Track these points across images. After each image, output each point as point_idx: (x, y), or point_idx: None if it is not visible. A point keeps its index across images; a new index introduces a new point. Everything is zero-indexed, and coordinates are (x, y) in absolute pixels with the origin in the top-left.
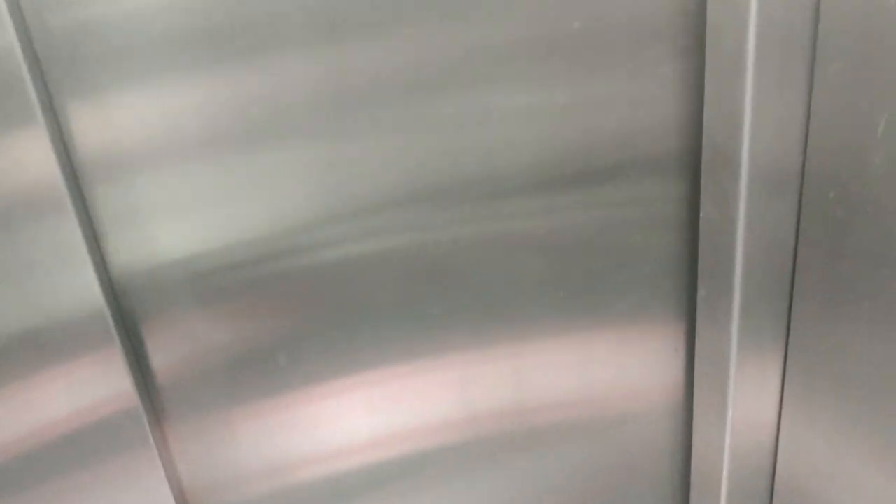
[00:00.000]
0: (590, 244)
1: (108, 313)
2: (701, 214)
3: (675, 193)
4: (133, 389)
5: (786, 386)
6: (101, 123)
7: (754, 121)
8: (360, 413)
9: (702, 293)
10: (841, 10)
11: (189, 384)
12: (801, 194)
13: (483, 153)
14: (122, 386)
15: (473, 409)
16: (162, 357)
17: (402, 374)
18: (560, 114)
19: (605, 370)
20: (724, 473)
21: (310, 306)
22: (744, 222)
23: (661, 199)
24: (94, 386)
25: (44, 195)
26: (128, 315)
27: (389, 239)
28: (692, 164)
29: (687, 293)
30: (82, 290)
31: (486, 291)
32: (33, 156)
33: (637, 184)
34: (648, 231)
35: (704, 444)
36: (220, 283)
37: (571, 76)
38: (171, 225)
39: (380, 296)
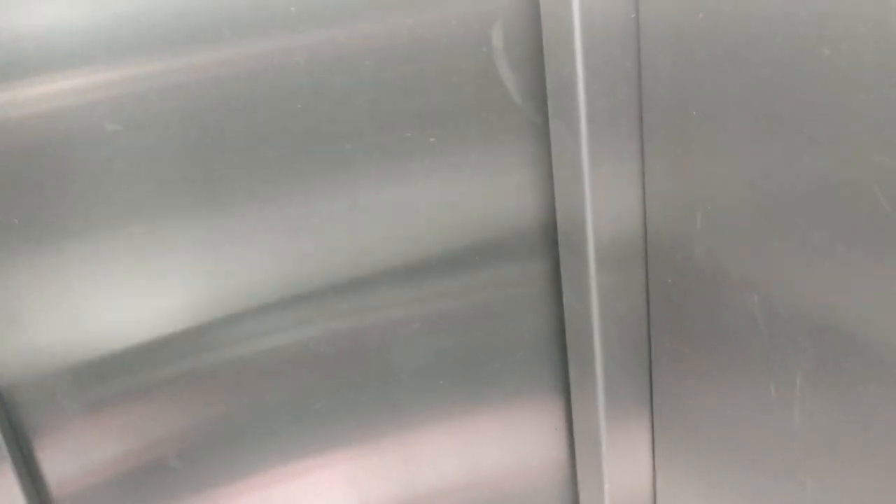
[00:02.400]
0: (465, 330)
1: None
2: (564, 304)
3: (540, 277)
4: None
5: (656, 452)
6: None
7: (596, 218)
8: None
9: (572, 371)
10: (657, 123)
11: (83, 496)
12: (646, 279)
13: (355, 248)
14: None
15: (366, 502)
16: (54, 469)
17: (294, 473)
18: (427, 209)
19: (490, 453)
20: None
21: (198, 410)
22: (598, 304)
23: (527, 283)
24: None
25: None
26: (17, 428)
27: (272, 338)
28: (553, 249)
29: (562, 371)
30: None
31: (369, 383)
32: None
33: (503, 269)
34: (519, 314)
35: None
36: (107, 390)
37: (434, 175)
38: (56, 332)
39: (265, 395)
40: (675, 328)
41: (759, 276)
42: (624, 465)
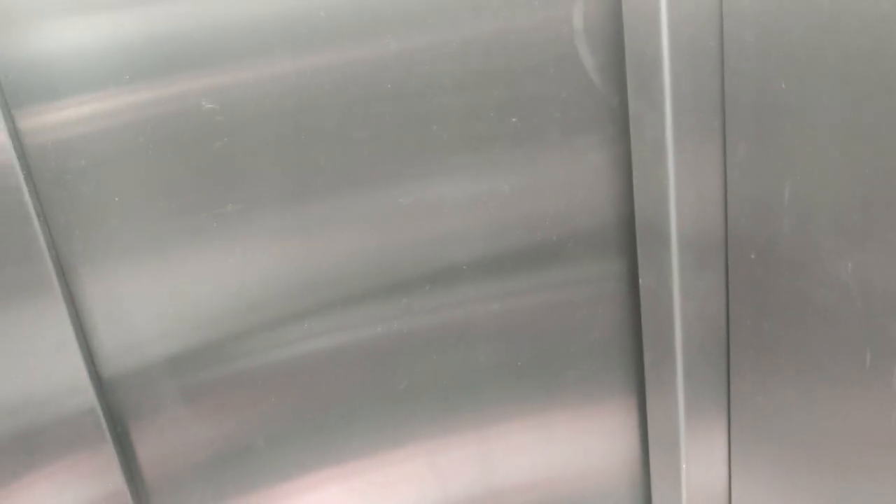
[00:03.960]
0: (541, 324)
1: (99, 410)
2: (641, 286)
3: (615, 270)
4: (125, 488)
5: (732, 447)
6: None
7: (678, 198)
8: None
9: (647, 361)
10: (742, 100)
11: (176, 480)
12: (727, 259)
13: (436, 243)
14: (115, 485)
15: (446, 495)
16: (149, 454)
17: (376, 465)
18: (506, 199)
19: (563, 449)
20: None
21: (286, 400)
22: (679, 290)
23: (603, 276)
24: (86, 486)
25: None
26: (116, 412)
27: (356, 331)
28: (628, 241)
29: (635, 367)
30: (74, 386)
31: (447, 378)
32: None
33: (579, 262)
34: (593, 307)
35: None
36: (201, 377)
37: (513, 166)
38: (154, 320)
39: (351, 388)
40: (757, 306)
41: (854, 246)
42: (700, 461)
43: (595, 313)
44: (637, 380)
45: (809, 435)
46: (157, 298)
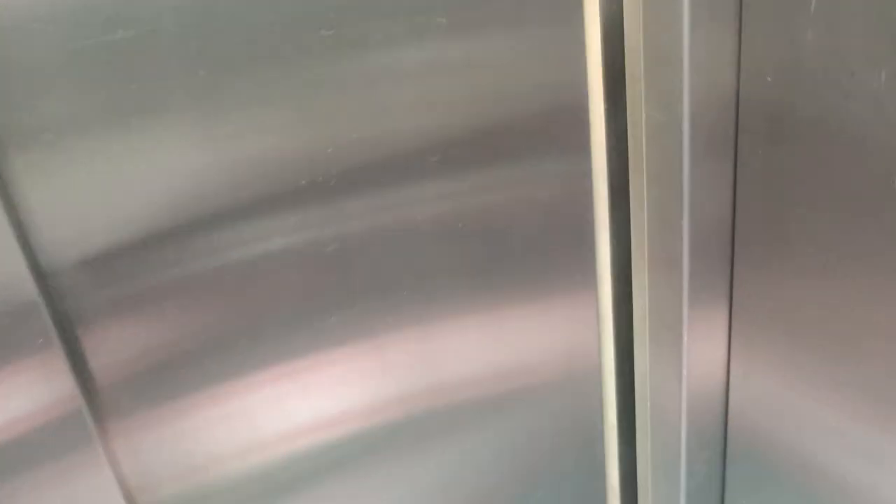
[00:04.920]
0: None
1: (43, 309)
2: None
3: (574, 163)
4: (77, 391)
5: (733, 324)
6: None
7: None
8: (292, 401)
9: (650, 249)
10: None
11: (130, 381)
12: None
13: (376, 128)
14: (65, 389)
15: (396, 391)
16: (99, 355)
17: (326, 362)
18: (456, 77)
19: (527, 341)
20: (683, 418)
21: (235, 300)
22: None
23: (560, 170)
24: (34, 391)
25: None
26: (61, 311)
27: (302, 233)
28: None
29: (592, 263)
30: (13, 284)
31: (395, 275)
32: None
33: (536, 154)
34: (549, 203)
35: (659, 392)
36: (151, 273)
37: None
38: (100, 212)
39: (299, 288)
40: (768, 137)
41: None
42: (701, 337)
43: (552, 209)
44: (593, 274)
45: (812, 318)
46: (100, 188)
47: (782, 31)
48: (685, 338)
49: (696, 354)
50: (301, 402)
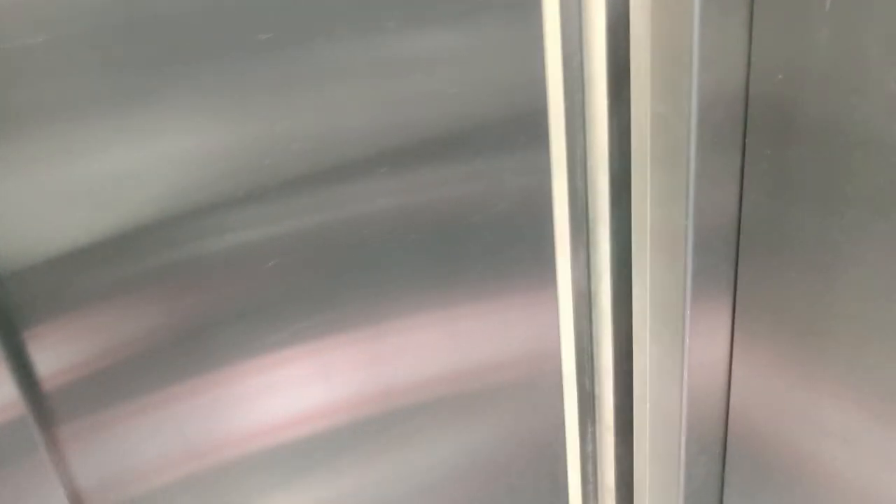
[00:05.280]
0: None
1: None
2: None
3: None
4: (20, 397)
5: (736, 324)
6: None
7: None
8: (240, 406)
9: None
10: None
11: (76, 385)
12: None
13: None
14: (7, 395)
15: (341, 397)
16: (44, 361)
17: (277, 366)
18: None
19: (488, 339)
20: (683, 420)
21: (181, 307)
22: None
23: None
24: None
25: None
26: (4, 318)
27: (244, 234)
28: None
29: (550, 260)
30: None
31: (341, 276)
32: None
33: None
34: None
35: (659, 393)
36: (99, 277)
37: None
38: (48, 216)
39: (245, 290)
40: (777, 136)
41: None
42: (703, 336)
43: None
44: (552, 271)
45: (817, 319)
46: (35, 192)
47: (795, 28)
48: (686, 338)
49: (697, 355)
50: (250, 407)
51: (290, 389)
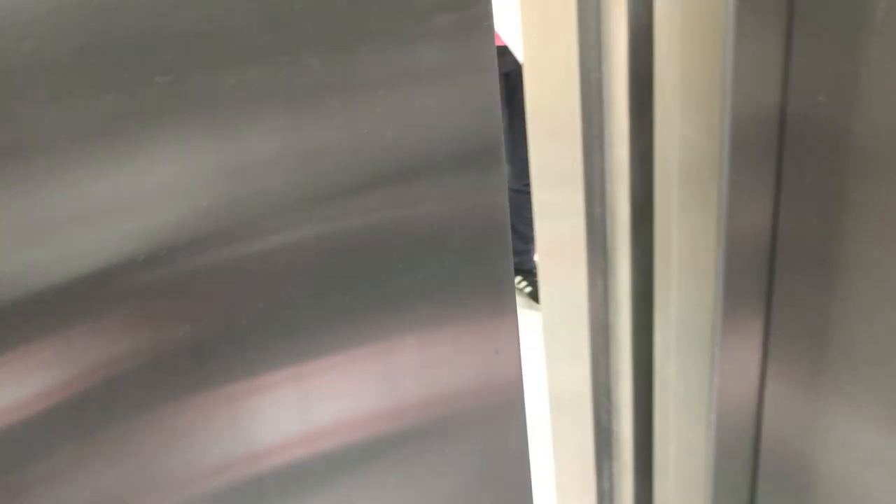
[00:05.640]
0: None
1: None
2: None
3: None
4: None
5: (769, 352)
6: None
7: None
8: (191, 442)
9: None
10: None
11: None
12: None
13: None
14: None
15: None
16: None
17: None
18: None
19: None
20: (710, 455)
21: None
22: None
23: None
24: None
25: None
26: None
27: (182, 264)
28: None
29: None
30: None
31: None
32: None
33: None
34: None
35: (684, 429)
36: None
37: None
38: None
39: (167, 329)
40: (816, 160)
41: None
42: (734, 360)
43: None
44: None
45: (856, 344)
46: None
47: (840, 45)
48: (716, 375)
49: (726, 391)
50: (203, 441)
51: (210, 436)
